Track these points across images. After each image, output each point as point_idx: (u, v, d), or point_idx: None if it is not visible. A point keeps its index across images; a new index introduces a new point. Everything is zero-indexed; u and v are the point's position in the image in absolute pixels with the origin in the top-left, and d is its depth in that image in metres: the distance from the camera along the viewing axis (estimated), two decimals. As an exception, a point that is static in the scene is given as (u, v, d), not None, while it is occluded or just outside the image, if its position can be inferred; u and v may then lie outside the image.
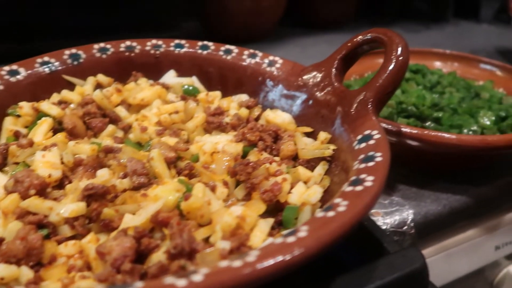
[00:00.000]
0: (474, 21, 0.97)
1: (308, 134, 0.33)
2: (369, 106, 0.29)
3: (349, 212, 0.19)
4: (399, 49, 0.30)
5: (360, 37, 0.33)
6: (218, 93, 0.38)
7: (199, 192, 0.23)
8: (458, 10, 1.00)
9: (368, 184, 0.21)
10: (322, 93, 0.33)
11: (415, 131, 0.35)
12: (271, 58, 0.39)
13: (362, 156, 0.25)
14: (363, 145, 0.26)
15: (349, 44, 0.34)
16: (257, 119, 0.36)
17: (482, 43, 0.82)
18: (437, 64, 0.53)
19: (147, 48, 0.40)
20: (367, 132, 0.27)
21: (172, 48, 0.40)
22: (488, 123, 0.40)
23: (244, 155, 0.30)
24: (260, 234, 0.21)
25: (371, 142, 0.26)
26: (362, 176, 0.22)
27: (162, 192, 0.23)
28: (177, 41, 0.41)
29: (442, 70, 0.51)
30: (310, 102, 0.34)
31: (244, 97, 0.39)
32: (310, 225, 0.18)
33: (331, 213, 0.19)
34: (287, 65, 0.38)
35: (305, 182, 0.29)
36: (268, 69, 0.38)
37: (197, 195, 0.22)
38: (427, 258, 0.39)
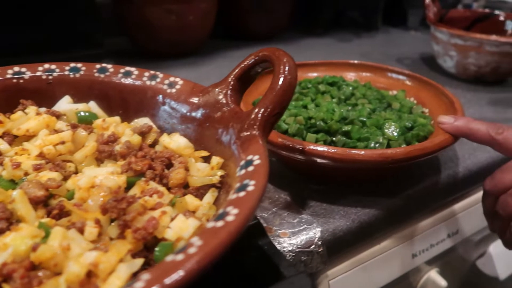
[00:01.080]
0: (403, 28, 1.01)
1: (208, 159, 0.32)
2: (255, 128, 0.28)
3: (194, 257, 0.17)
4: (286, 68, 0.29)
5: (252, 57, 0.33)
6: (116, 119, 0.36)
7: (55, 238, 0.21)
8: (388, 18, 1.03)
9: (229, 218, 0.20)
10: (218, 115, 0.33)
11: (311, 148, 0.35)
12: (171, 79, 0.37)
13: (237, 185, 0.24)
14: (243, 171, 0.25)
15: (242, 65, 0.33)
16: (154, 144, 0.34)
17: (408, 50, 0.85)
18: (351, 75, 0.53)
19: (38, 73, 0.37)
20: (249, 157, 0.26)
21: (67, 72, 0.38)
22: (394, 134, 0.40)
23: (130, 186, 0.28)
24: (116, 281, 0.20)
25: (250, 168, 0.25)
26: (228, 209, 0.21)
27: (13, 240, 0.21)
28: (72, 64, 0.38)
29: (359, 82, 0.52)
30: (207, 124, 0.33)
31: (144, 121, 0.37)
32: (152, 272, 0.17)
33: (180, 256, 0.18)
34: (187, 86, 0.36)
35: (194, 212, 0.28)
36: (168, 90, 0.37)
37: (50, 243, 0.21)
38: (344, 272, 0.39)
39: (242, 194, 0.22)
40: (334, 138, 0.41)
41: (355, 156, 0.34)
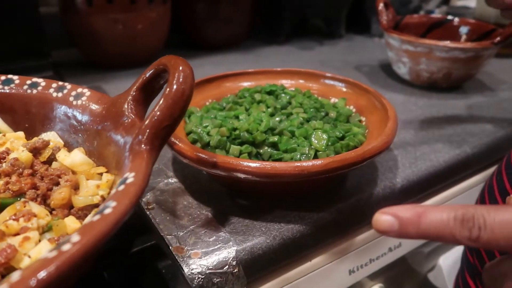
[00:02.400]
0: (368, 36, 1.00)
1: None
2: (142, 142, 0.26)
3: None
4: (180, 76, 0.27)
5: (152, 67, 0.31)
6: (19, 134, 0.34)
7: None
8: (353, 26, 1.02)
9: (65, 247, 0.18)
10: (119, 127, 0.30)
11: (225, 161, 0.32)
12: (79, 90, 0.35)
13: (101, 207, 0.21)
14: (113, 191, 0.23)
15: (143, 76, 0.31)
16: (51, 161, 0.32)
17: (368, 57, 0.84)
18: (289, 82, 0.51)
19: None
20: (126, 174, 0.24)
21: (-34, 85, 0.35)
22: (321, 144, 0.38)
23: (4, 208, 0.26)
24: None
25: (120, 188, 0.22)
26: (72, 237, 0.19)
27: None
28: (-26, 76, 0.36)
29: (300, 90, 0.50)
30: (108, 137, 0.31)
31: (49, 136, 0.35)
32: None
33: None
34: (93, 98, 0.34)
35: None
36: (74, 102, 0.34)
37: None
38: (271, 293, 0.37)
39: (95, 218, 0.20)
40: (260, 150, 0.39)
41: (268, 170, 0.32)
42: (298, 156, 0.37)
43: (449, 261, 0.52)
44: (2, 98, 0.36)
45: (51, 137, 0.34)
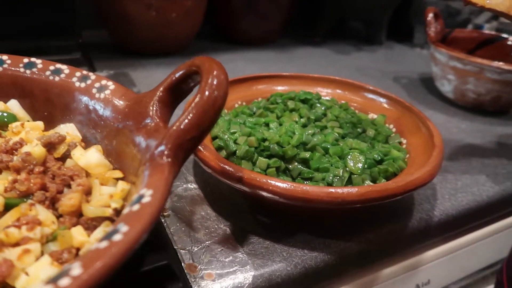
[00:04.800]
0: (409, 45, 0.95)
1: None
2: (164, 154, 0.23)
3: None
4: (214, 83, 0.24)
5: (182, 68, 0.28)
6: (38, 124, 0.32)
7: None
8: (395, 33, 0.97)
9: (63, 282, 0.15)
10: (141, 130, 0.28)
11: (250, 177, 0.30)
12: (103, 82, 0.33)
13: (111, 229, 0.19)
14: (127, 210, 0.20)
15: (172, 76, 0.28)
16: (66, 158, 0.29)
17: (408, 68, 0.79)
18: (326, 91, 0.48)
19: (-44, 63, 0.33)
20: (143, 191, 0.21)
21: (-13, 65, 0.33)
22: (358, 167, 0.35)
23: (9, 208, 0.23)
24: None
25: (135, 208, 0.20)
26: (74, 265, 0.16)
27: None
28: (-4, 56, 0.34)
29: (336, 101, 0.46)
30: (129, 138, 0.28)
31: (68, 128, 0.32)
32: None
33: None
34: (118, 92, 0.32)
35: (79, 249, 0.23)
36: (97, 95, 0.32)
37: None
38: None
39: (102, 245, 0.17)
40: (290, 166, 0.36)
41: (298, 194, 0.29)
42: (331, 177, 0.34)
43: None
44: (23, 82, 0.33)
45: (70, 129, 0.32)
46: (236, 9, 0.76)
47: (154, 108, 0.28)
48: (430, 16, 0.64)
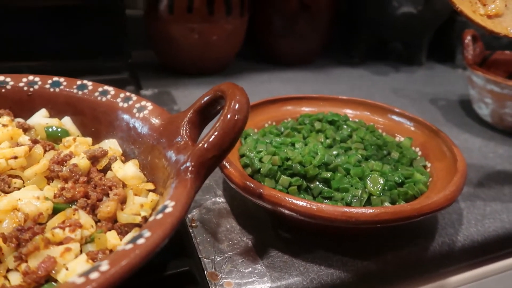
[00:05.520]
0: (451, 66, 0.93)
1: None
2: (188, 170, 0.26)
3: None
4: (236, 106, 0.27)
5: (211, 92, 0.31)
6: (87, 140, 0.36)
7: None
8: (436, 54, 0.96)
9: (93, 276, 0.18)
10: (172, 147, 0.31)
11: (270, 193, 0.32)
12: (143, 103, 0.37)
13: (137, 234, 0.22)
14: (152, 218, 0.23)
15: (202, 100, 0.31)
16: (107, 170, 0.33)
17: (447, 90, 0.78)
18: (353, 113, 0.49)
19: (21, 84, 0.38)
20: (167, 202, 0.24)
21: (47, 86, 0.38)
22: (377, 189, 0.36)
23: (57, 212, 0.27)
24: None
25: (159, 216, 0.22)
26: (102, 263, 0.19)
27: None
28: (55, 78, 0.39)
29: (363, 122, 0.47)
30: (162, 154, 0.32)
31: (111, 143, 0.36)
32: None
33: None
34: (155, 112, 0.35)
35: (112, 251, 0.26)
36: (137, 114, 0.36)
37: None
38: None
39: (128, 247, 0.20)
40: (311, 185, 0.37)
41: (314, 211, 0.31)
42: (350, 197, 0.35)
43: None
44: (75, 101, 0.38)
45: (112, 144, 0.36)
46: (275, 31, 0.79)
47: (184, 128, 0.31)
48: (468, 38, 0.64)
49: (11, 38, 0.66)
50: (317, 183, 0.37)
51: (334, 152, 0.41)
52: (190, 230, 0.37)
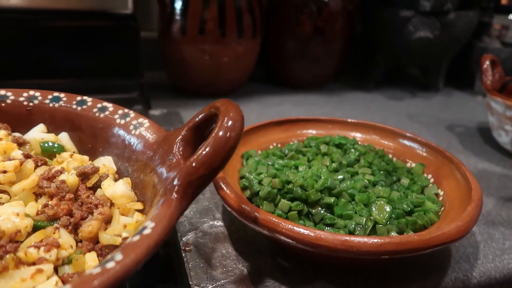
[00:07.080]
0: (470, 93, 0.91)
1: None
2: (174, 189, 0.25)
3: None
4: (229, 124, 0.26)
5: (205, 110, 0.30)
6: (84, 157, 0.35)
7: None
8: (455, 80, 0.94)
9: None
10: (164, 163, 0.29)
11: (265, 218, 0.30)
12: (140, 120, 0.36)
13: (109, 256, 0.20)
14: (129, 240, 0.21)
15: (196, 118, 0.30)
16: (97, 187, 0.32)
17: (466, 117, 0.75)
18: (362, 136, 0.47)
19: (21, 98, 0.38)
20: (147, 223, 0.22)
21: (47, 101, 0.38)
22: (384, 217, 0.33)
23: (37, 230, 0.26)
24: None
25: (135, 238, 0.21)
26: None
27: None
28: (56, 93, 0.39)
29: (373, 147, 0.45)
30: (152, 170, 0.30)
31: (106, 160, 0.35)
32: None
33: None
34: (151, 129, 0.34)
35: (90, 274, 0.24)
36: (133, 131, 0.35)
37: None
38: None
39: (96, 271, 0.18)
40: (313, 210, 0.35)
41: (311, 239, 0.28)
42: (353, 225, 0.33)
43: None
44: (74, 117, 0.37)
45: (107, 161, 0.35)
46: (288, 54, 0.79)
47: (178, 146, 0.30)
48: (487, 63, 0.62)
49: (29, 56, 0.68)
50: (319, 208, 0.35)
51: (340, 177, 0.38)
52: (183, 255, 0.35)
